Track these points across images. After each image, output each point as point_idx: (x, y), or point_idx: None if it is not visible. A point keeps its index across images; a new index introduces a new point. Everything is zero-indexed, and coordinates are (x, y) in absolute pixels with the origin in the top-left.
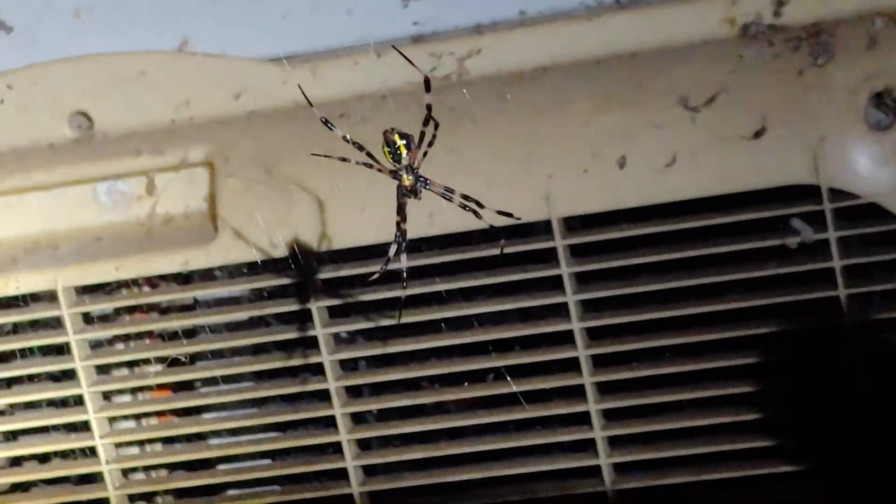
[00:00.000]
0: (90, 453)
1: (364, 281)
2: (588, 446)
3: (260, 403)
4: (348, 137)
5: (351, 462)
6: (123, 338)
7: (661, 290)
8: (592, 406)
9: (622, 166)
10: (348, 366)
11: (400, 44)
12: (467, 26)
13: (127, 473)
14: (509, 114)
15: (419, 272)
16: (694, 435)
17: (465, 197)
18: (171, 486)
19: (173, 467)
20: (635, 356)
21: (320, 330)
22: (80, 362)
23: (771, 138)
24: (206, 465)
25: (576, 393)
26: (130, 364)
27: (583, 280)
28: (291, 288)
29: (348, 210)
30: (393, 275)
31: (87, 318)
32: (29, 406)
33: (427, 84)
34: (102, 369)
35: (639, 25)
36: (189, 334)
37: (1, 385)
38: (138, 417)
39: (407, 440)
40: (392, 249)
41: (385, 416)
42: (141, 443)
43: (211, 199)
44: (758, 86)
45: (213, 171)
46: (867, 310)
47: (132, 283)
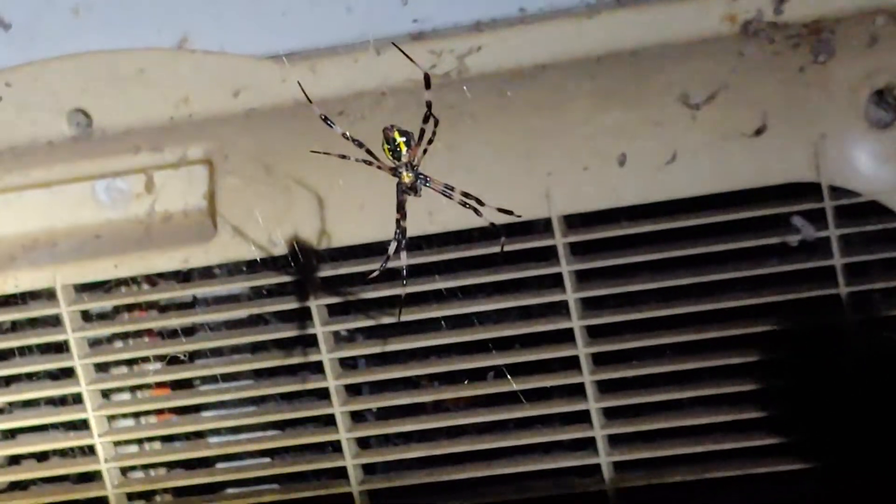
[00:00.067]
0: (89, 452)
1: (363, 279)
2: (588, 445)
3: (259, 402)
4: (348, 135)
5: (350, 460)
6: (122, 336)
7: (662, 289)
8: (592, 404)
9: (622, 164)
10: (348, 364)
11: (399, 41)
12: (467, 23)
13: (126, 472)
14: (509, 111)
15: (419, 270)
16: (694, 433)
17: (466, 194)
18: (170, 485)
19: (172, 466)
20: (635, 354)
21: (320, 328)
22: (79, 360)
23: (771, 136)
24: (205, 464)
25: (576, 391)
26: (129, 362)
27: (583, 278)
28: (291, 286)
29: (348, 208)
30: (392, 273)
31: (86, 316)
32: (27, 404)
33: (427, 81)
34: (101, 367)
35: (639, 23)
36: (188, 332)
37: None
38: (137, 416)
39: (406, 439)
40: (392, 247)
41: (384, 415)
42: (140, 441)
43: (210, 197)
44: (758, 83)
45: (213, 169)
46: (868, 308)
47: (131, 281)
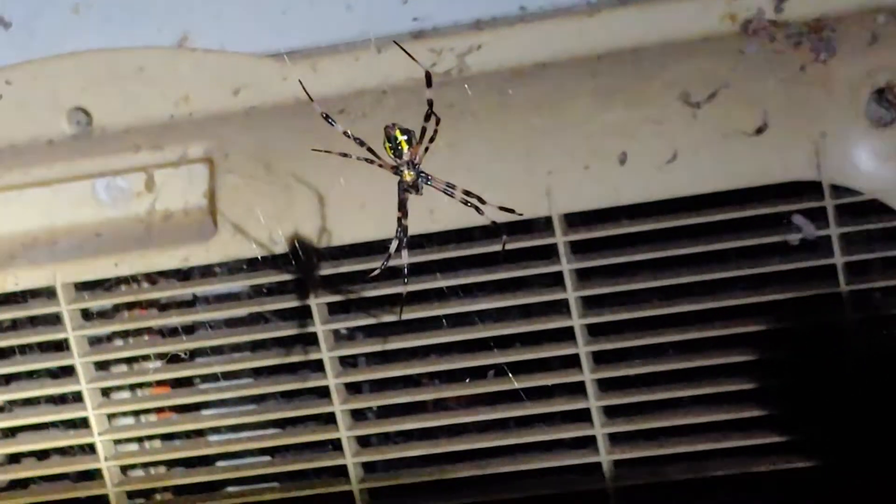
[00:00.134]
0: (89, 450)
1: (364, 277)
2: (588, 443)
3: (259, 400)
4: (349, 133)
5: (351, 459)
6: (122, 334)
7: (662, 287)
8: (593, 403)
9: (623, 162)
10: (348, 362)
11: (400, 40)
12: (467, 22)
13: (126, 470)
14: (510, 110)
15: (419, 269)
16: (694, 432)
17: (467, 193)
18: (170, 483)
19: (172, 464)
20: (636, 353)
21: (320, 326)
22: (79, 359)
23: (772, 134)
24: (205, 462)
25: (576, 390)
26: (129, 360)
27: (583, 276)
28: (291, 284)
29: (348, 206)
30: (393, 271)
31: (86, 315)
32: (28, 402)
33: (428, 79)
34: (101, 366)
35: (639, 21)
36: (188, 331)
37: None
38: (137, 414)
39: (407, 437)
40: (393, 245)
41: (385, 413)
42: (140, 439)
43: (210, 196)
44: (759, 82)
45: (213, 168)
46: (868, 306)
47: (131, 280)
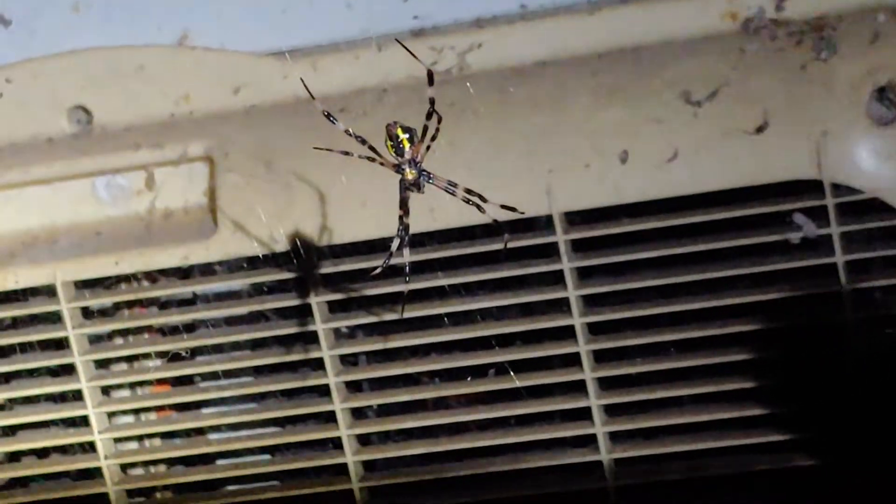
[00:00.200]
0: (89, 448)
1: (364, 275)
2: (589, 441)
3: (260, 398)
4: (351, 131)
5: (351, 457)
6: (123, 332)
7: (663, 286)
8: (594, 401)
9: (624, 161)
10: (348, 361)
11: (400, 38)
12: (468, 20)
13: (126, 468)
14: (510, 108)
15: (420, 267)
16: (695, 430)
17: (469, 191)
18: (170, 482)
19: (172, 462)
20: (636, 351)
21: (320, 325)
22: (79, 357)
23: (773, 133)
24: (206, 461)
25: (577, 388)
26: (130, 359)
27: (584, 275)
28: (292, 282)
29: (349, 204)
30: (393, 269)
31: (87, 313)
32: (28, 401)
33: (430, 77)
34: (101, 364)
35: (640, 19)
36: (188, 329)
37: (0, 380)
38: (137, 412)
39: (407, 435)
40: (395, 244)
41: (385, 412)
42: (140, 438)
43: (211, 194)
44: (760, 80)
45: (213, 166)
46: (869, 305)
47: (132, 278)
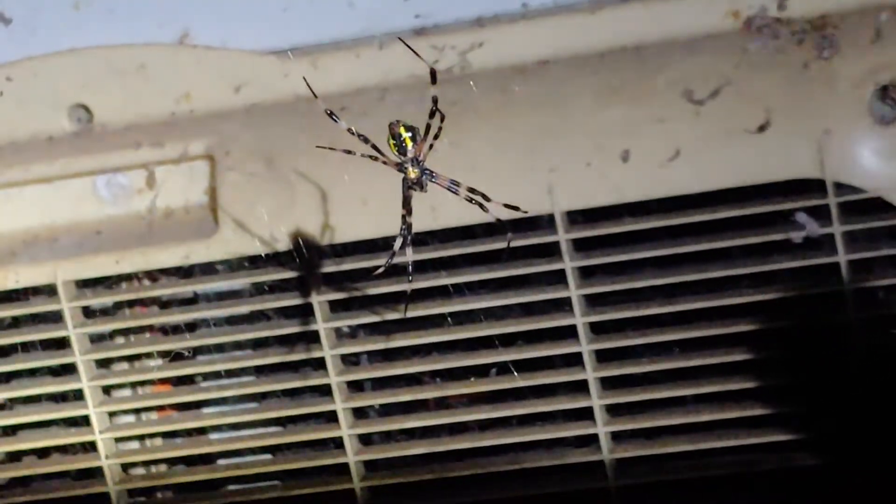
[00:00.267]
0: (90, 448)
1: (366, 275)
2: (591, 441)
3: (261, 398)
4: (353, 130)
5: (352, 457)
6: (123, 332)
7: (665, 285)
8: (595, 401)
9: (625, 160)
10: (350, 360)
11: (401, 37)
12: (469, 19)
13: (127, 468)
14: (512, 107)
15: (422, 266)
16: (697, 430)
17: (472, 190)
18: (171, 481)
19: (173, 462)
20: (639, 351)
21: (322, 324)
22: (80, 356)
23: (775, 132)
24: (207, 461)
25: (579, 388)
26: (130, 358)
27: (586, 274)
28: (293, 282)
29: (351, 203)
30: (394, 268)
31: (87, 312)
32: (28, 400)
33: (433, 76)
34: (102, 363)
35: (642, 18)
36: (190, 328)
37: (0, 379)
38: (138, 412)
39: (409, 435)
40: (397, 243)
41: (387, 411)
42: (141, 437)
43: (211, 193)
44: (762, 79)
45: (214, 165)
46: (872, 304)
47: (132, 277)
